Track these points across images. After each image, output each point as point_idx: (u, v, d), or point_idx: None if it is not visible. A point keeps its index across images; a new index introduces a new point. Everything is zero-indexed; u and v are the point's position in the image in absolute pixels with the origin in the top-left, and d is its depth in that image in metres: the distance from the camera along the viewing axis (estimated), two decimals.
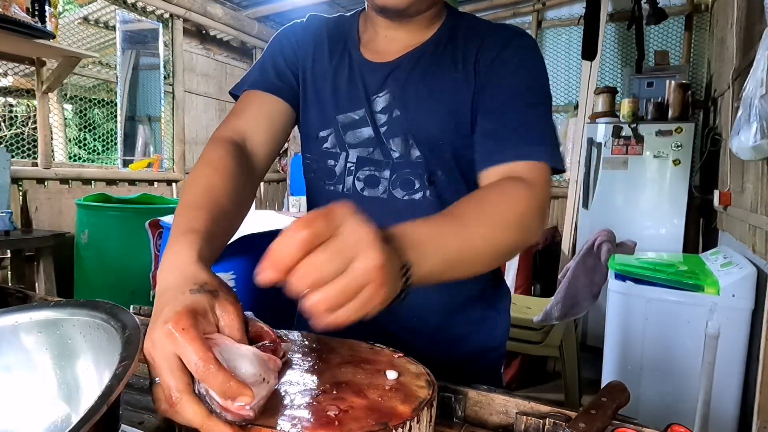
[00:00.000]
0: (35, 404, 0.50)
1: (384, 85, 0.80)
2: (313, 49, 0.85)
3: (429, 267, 0.50)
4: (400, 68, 0.79)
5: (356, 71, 0.82)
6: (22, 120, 5.16)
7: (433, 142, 0.78)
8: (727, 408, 1.92)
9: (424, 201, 0.79)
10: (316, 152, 0.85)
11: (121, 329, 0.44)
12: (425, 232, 0.52)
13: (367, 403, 0.48)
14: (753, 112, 1.51)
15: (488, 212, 0.60)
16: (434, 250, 0.51)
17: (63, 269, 2.71)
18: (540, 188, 0.67)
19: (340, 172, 0.83)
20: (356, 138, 0.81)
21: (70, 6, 3.94)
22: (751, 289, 1.85)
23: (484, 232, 0.58)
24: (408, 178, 0.80)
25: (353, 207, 0.41)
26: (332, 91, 0.82)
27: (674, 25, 3.68)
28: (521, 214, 0.62)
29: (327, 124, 0.83)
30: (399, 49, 0.80)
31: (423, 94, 0.78)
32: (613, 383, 0.59)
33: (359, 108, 0.81)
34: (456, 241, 0.55)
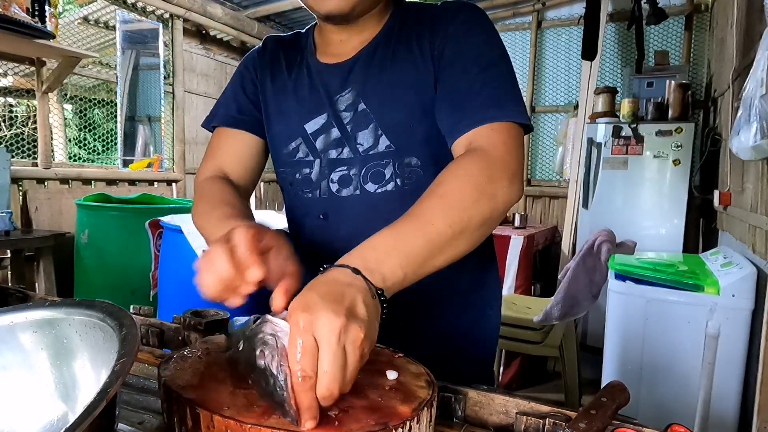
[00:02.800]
0: (32, 403, 0.50)
1: (346, 84, 0.81)
2: (270, 68, 0.89)
3: (402, 274, 0.54)
4: (357, 64, 0.81)
5: (315, 77, 0.84)
6: (22, 120, 5.16)
7: (402, 127, 0.78)
8: (727, 408, 1.92)
9: (397, 190, 0.79)
10: (290, 164, 0.86)
11: (118, 328, 0.43)
12: (385, 244, 0.55)
13: (367, 403, 0.48)
14: (753, 112, 1.51)
15: (446, 197, 0.60)
16: (401, 258, 0.54)
17: (63, 269, 2.71)
18: (499, 150, 0.66)
19: (316, 178, 0.84)
20: (325, 142, 0.82)
21: (70, 6, 3.94)
22: (751, 289, 1.85)
23: (447, 218, 0.58)
24: (378, 170, 0.80)
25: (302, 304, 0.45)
26: (295, 102, 0.85)
27: (674, 25, 3.68)
28: (481, 184, 0.62)
29: (294, 134, 0.84)
30: (353, 47, 0.82)
31: (385, 83, 0.79)
32: (613, 383, 0.59)
33: (323, 112, 0.82)
34: (420, 239, 0.56)
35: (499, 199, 0.63)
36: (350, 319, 0.45)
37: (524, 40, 4.15)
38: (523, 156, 0.71)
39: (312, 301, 0.45)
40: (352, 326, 0.44)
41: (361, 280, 0.50)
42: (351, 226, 0.82)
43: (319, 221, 0.85)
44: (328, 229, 0.84)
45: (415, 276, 0.56)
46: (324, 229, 0.85)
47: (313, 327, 0.43)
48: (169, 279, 2.17)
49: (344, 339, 0.44)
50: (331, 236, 0.84)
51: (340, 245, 0.82)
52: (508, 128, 0.69)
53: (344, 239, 0.82)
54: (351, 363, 0.44)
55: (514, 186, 0.65)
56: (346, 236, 0.82)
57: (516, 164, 0.67)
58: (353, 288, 0.48)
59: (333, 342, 0.43)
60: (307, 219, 0.87)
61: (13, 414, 0.50)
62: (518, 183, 0.66)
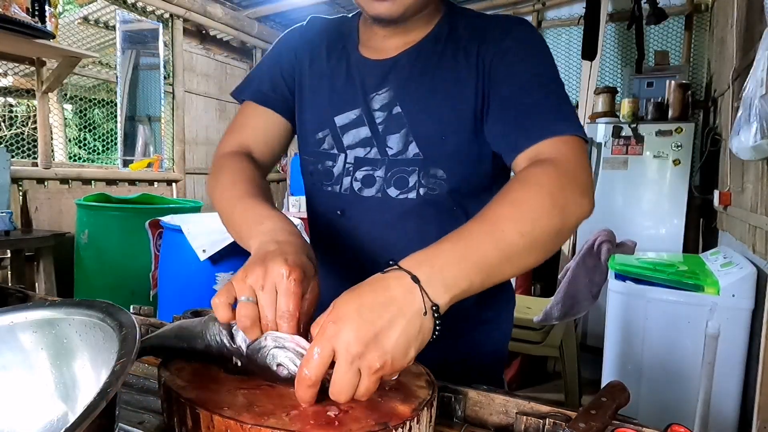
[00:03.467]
0: (32, 403, 0.50)
1: (384, 83, 0.79)
2: (310, 51, 0.86)
3: (468, 283, 0.51)
4: (399, 65, 0.79)
5: (354, 70, 0.81)
6: (22, 120, 5.16)
7: (434, 137, 0.77)
8: (727, 408, 1.92)
9: (419, 200, 0.78)
10: (314, 153, 0.85)
11: (118, 328, 0.43)
12: (454, 250, 0.52)
13: (367, 403, 0.48)
14: (753, 112, 1.51)
15: (516, 204, 0.57)
16: (470, 266, 0.51)
17: (63, 269, 2.71)
18: (569, 161, 0.64)
19: (338, 173, 0.82)
20: (354, 138, 0.81)
21: (70, 6, 3.94)
22: (751, 289, 1.85)
23: (521, 228, 0.55)
24: (402, 176, 0.79)
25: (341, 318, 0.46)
26: (329, 92, 0.82)
27: (674, 25, 3.67)
28: (554, 194, 0.59)
29: (323, 125, 0.83)
30: (398, 46, 0.80)
31: (425, 90, 0.77)
32: (613, 383, 0.59)
33: (356, 107, 0.80)
34: (491, 246, 0.53)
35: (570, 211, 0.60)
36: (372, 346, 0.45)
37: None
38: (590, 168, 0.68)
39: (345, 315, 0.46)
40: (371, 355, 0.44)
41: (414, 298, 0.48)
42: (368, 227, 0.81)
43: (336, 216, 0.84)
44: (344, 225, 0.83)
45: (482, 286, 0.53)
46: (340, 225, 0.84)
47: (335, 340, 0.45)
48: (169, 279, 2.17)
49: (359, 363, 0.44)
50: (346, 233, 0.83)
51: (354, 243, 0.82)
52: (575, 141, 0.67)
53: (359, 238, 0.82)
54: (363, 385, 0.45)
55: (585, 199, 0.63)
56: (361, 235, 0.82)
57: (586, 177, 0.65)
58: (399, 309, 0.47)
59: (347, 361, 0.44)
60: (325, 212, 0.86)
61: (13, 414, 0.50)
62: (589, 196, 0.64)
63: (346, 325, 0.45)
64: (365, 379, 0.45)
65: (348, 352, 0.44)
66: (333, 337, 0.45)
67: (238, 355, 0.52)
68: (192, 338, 0.55)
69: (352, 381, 0.45)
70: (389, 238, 0.80)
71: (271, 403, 0.47)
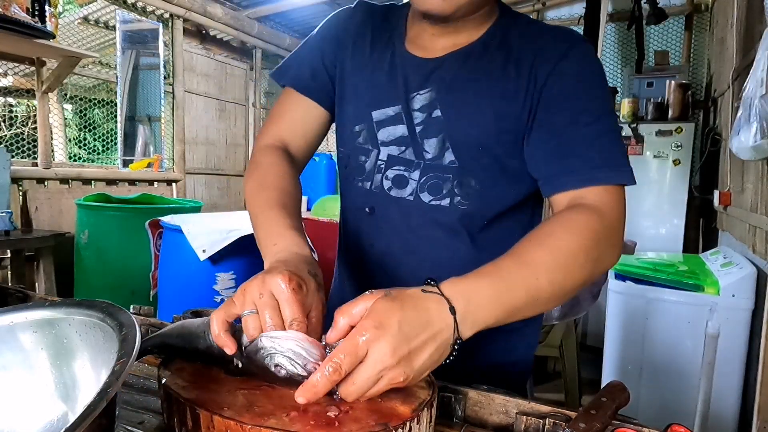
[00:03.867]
0: (32, 403, 0.50)
1: (427, 83, 0.76)
2: (353, 40, 0.83)
3: (493, 322, 0.54)
4: (445, 66, 0.75)
5: (398, 65, 0.78)
6: (22, 120, 5.16)
7: (471, 147, 0.74)
8: (727, 408, 1.92)
9: (451, 208, 0.76)
10: (350, 146, 0.83)
11: (118, 328, 0.43)
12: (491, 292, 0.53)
13: (367, 404, 0.48)
14: (753, 112, 1.51)
15: (554, 254, 0.58)
16: (500, 310, 0.54)
17: (63, 269, 2.71)
18: (610, 213, 0.65)
19: (370, 169, 0.80)
20: (389, 135, 0.78)
21: (70, 6, 3.94)
22: (751, 289, 1.85)
23: (553, 278, 0.57)
24: (436, 182, 0.76)
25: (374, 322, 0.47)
26: (370, 85, 0.80)
27: (674, 25, 3.67)
28: (590, 248, 0.60)
29: (361, 118, 0.81)
30: (446, 46, 0.76)
31: (468, 96, 0.74)
32: (613, 383, 0.59)
33: (395, 104, 0.77)
34: (522, 293, 0.55)
35: (600, 266, 0.62)
36: (403, 362, 0.46)
37: None
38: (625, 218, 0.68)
39: (388, 324, 0.46)
40: (399, 370, 0.46)
41: (448, 329, 0.50)
42: (396, 228, 0.80)
43: (364, 214, 0.82)
44: (372, 224, 0.82)
45: (502, 323, 0.56)
46: (368, 223, 0.82)
47: (372, 344, 0.46)
48: (169, 279, 2.17)
49: (385, 374, 0.46)
50: (374, 232, 0.82)
51: (380, 242, 0.81)
52: (619, 191, 0.67)
53: (386, 239, 0.81)
54: (375, 389, 0.47)
55: (616, 252, 0.64)
56: (388, 235, 0.81)
57: (622, 230, 0.66)
58: (433, 335, 0.49)
59: (374, 368, 0.46)
60: (354, 208, 0.85)
61: (13, 414, 0.50)
62: (620, 249, 0.65)
63: (387, 335, 0.46)
64: (380, 384, 0.46)
65: (381, 361, 0.45)
66: (372, 341, 0.46)
67: (238, 357, 0.52)
68: (194, 339, 0.55)
69: (370, 385, 0.46)
70: (416, 242, 0.79)
71: (271, 403, 0.47)
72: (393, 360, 0.45)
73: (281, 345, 0.49)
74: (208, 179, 4.36)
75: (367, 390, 0.46)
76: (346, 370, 0.45)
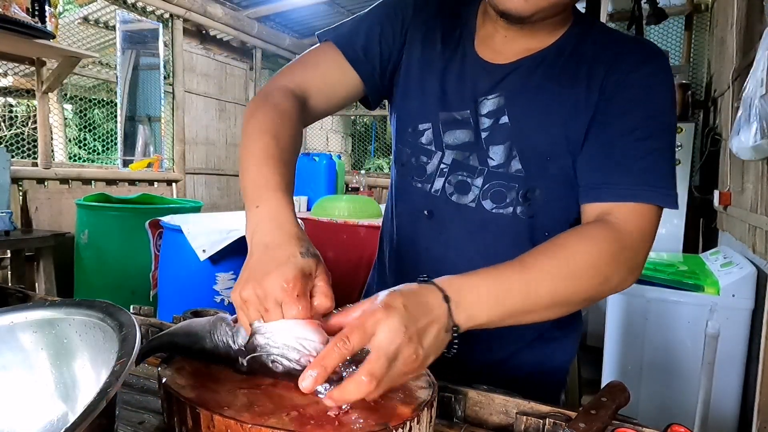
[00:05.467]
0: (32, 403, 0.50)
1: (496, 88, 0.74)
2: (423, 33, 0.79)
3: (486, 320, 0.55)
4: (516, 72, 0.73)
5: (468, 69, 0.76)
6: (22, 120, 5.16)
7: (539, 157, 0.72)
8: (727, 408, 1.92)
9: (514, 218, 0.75)
10: (411, 145, 0.80)
11: (118, 328, 0.43)
12: (486, 290, 0.55)
13: (367, 404, 0.48)
14: (753, 112, 1.51)
15: (560, 264, 0.59)
16: (494, 309, 0.55)
17: (63, 269, 2.71)
18: (632, 234, 0.63)
19: (432, 172, 0.78)
20: (455, 139, 0.76)
21: (70, 6, 3.94)
22: (751, 289, 1.85)
23: (552, 286, 0.57)
24: (500, 190, 0.75)
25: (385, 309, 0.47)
26: (440, 85, 0.77)
27: (674, 25, 3.67)
28: (601, 265, 0.60)
29: (427, 118, 0.78)
30: (518, 51, 0.74)
31: (538, 104, 0.72)
32: (613, 383, 0.59)
33: (464, 108, 0.75)
34: (519, 296, 0.56)
35: (611, 285, 0.61)
36: (415, 340, 0.47)
37: None
38: (653, 242, 0.66)
39: (396, 306, 0.47)
40: (412, 347, 0.47)
41: (444, 311, 0.51)
42: (455, 235, 0.78)
43: (423, 217, 0.80)
44: (430, 228, 0.80)
45: (497, 325, 0.57)
46: (426, 228, 0.80)
47: (381, 324, 0.46)
48: (169, 279, 2.17)
49: (399, 350, 0.46)
50: (431, 237, 0.80)
51: (437, 247, 0.79)
52: (652, 212, 0.65)
53: (444, 243, 0.79)
54: (393, 373, 0.46)
55: (632, 276, 0.63)
56: (445, 241, 0.79)
57: (644, 254, 0.65)
58: (433, 317, 0.50)
59: (392, 345, 0.45)
60: (411, 211, 0.82)
61: (13, 414, 0.50)
62: (638, 273, 0.64)
63: (396, 314, 0.46)
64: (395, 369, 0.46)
65: (395, 337, 0.46)
66: (382, 319, 0.46)
67: (243, 356, 0.52)
68: (201, 338, 0.55)
69: (383, 369, 0.45)
70: (474, 250, 0.77)
71: (272, 402, 0.47)
72: (406, 336, 0.46)
73: (275, 340, 0.49)
74: (208, 179, 4.36)
75: (388, 371, 0.45)
76: (355, 345, 0.45)
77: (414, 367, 0.47)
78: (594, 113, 0.70)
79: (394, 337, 0.46)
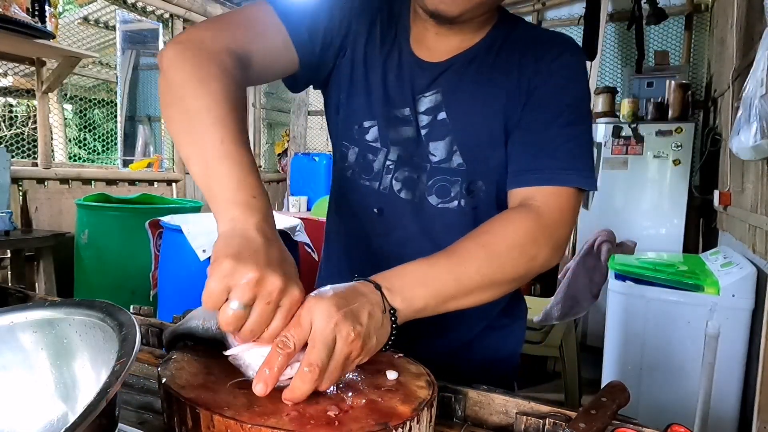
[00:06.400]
0: (32, 403, 0.50)
1: (432, 85, 0.76)
2: (368, 29, 0.79)
3: (422, 304, 0.57)
4: (450, 70, 0.76)
5: (405, 67, 0.78)
6: (22, 120, 5.16)
7: (479, 150, 0.75)
8: (727, 408, 1.92)
9: (459, 210, 0.77)
10: (357, 142, 0.81)
11: (118, 328, 0.43)
12: (415, 274, 0.58)
13: (367, 403, 0.48)
14: (753, 112, 1.51)
15: (486, 246, 0.63)
16: (426, 290, 0.58)
17: (63, 269, 2.71)
18: (554, 216, 0.68)
19: (379, 169, 0.80)
20: (398, 136, 0.78)
21: (70, 6, 3.94)
22: (751, 289, 1.85)
23: (480, 266, 0.61)
24: (444, 185, 0.77)
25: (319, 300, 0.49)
26: (382, 83, 0.78)
27: (674, 25, 3.67)
28: (519, 244, 0.64)
29: (372, 115, 0.79)
30: (450, 49, 0.77)
31: (474, 99, 0.75)
32: (613, 383, 0.59)
33: (405, 106, 0.77)
34: (449, 278, 0.59)
35: (537, 263, 0.66)
36: (350, 318, 0.49)
37: None
38: (575, 222, 0.72)
39: (325, 294, 0.50)
40: (347, 324, 0.48)
41: (377, 295, 0.54)
42: (405, 230, 0.80)
43: (373, 215, 0.81)
44: (382, 225, 0.81)
45: (436, 310, 0.59)
46: (378, 225, 0.81)
47: (314, 308, 0.48)
48: (169, 279, 2.17)
49: (336, 331, 0.47)
50: (383, 233, 0.81)
51: (388, 244, 0.81)
52: (570, 194, 0.70)
53: (396, 240, 0.80)
54: (337, 355, 0.48)
55: (556, 253, 0.67)
56: (398, 238, 0.80)
57: (565, 233, 0.69)
58: (366, 298, 0.52)
59: (328, 326, 0.47)
60: (360, 209, 0.83)
61: (13, 414, 0.50)
62: (562, 251, 0.68)
63: (325, 300, 0.48)
64: (339, 350, 0.48)
65: (328, 317, 0.47)
66: (313, 307, 0.48)
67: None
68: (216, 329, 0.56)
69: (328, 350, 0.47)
70: (424, 245, 0.78)
71: (271, 403, 0.47)
72: (339, 316, 0.48)
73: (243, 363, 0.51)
74: None
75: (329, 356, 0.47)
76: (296, 342, 0.46)
77: (357, 346, 0.49)
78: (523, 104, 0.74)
79: (328, 321, 0.47)
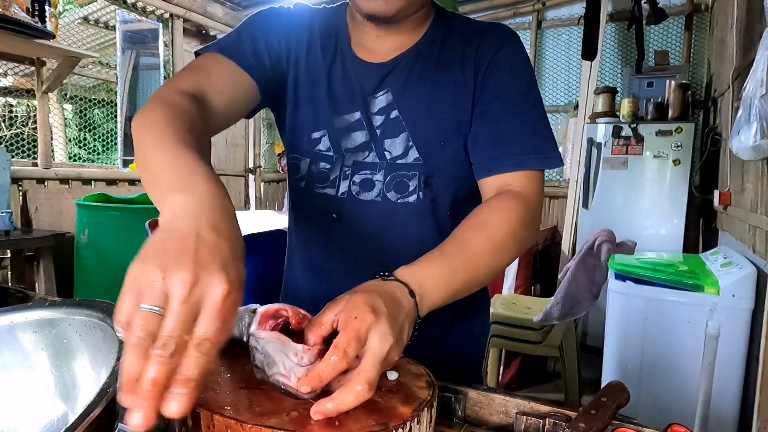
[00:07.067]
0: (33, 403, 0.50)
1: (381, 85, 0.78)
2: (307, 42, 0.81)
3: (440, 304, 0.59)
4: (397, 68, 0.78)
5: (351, 72, 0.79)
6: (22, 120, 5.16)
7: (434, 143, 0.77)
8: (727, 408, 1.92)
9: (418, 203, 0.79)
10: (308, 153, 0.82)
11: None
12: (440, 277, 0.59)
13: (367, 404, 0.48)
14: (753, 112, 1.51)
15: (490, 238, 0.65)
16: (447, 292, 0.60)
17: (63, 269, 2.71)
18: (533, 198, 0.72)
19: (335, 176, 0.80)
20: (352, 142, 0.79)
21: (70, 6, 3.94)
22: (751, 289, 1.85)
23: (489, 262, 0.64)
24: (402, 180, 0.78)
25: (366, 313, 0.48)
26: (327, 92, 0.80)
27: (674, 25, 3.67)
28: (518, 232, 0.67)
29: (320, 125, 0.80)
30: (392, 48, 0.79)
31: (424, 95, 0.77)
32: (613, 383, 0.59)
33: (355, 110, 0.79)
34: (464, 277, 0.62)
35: (524, 247, 0.70)
36: (398, 341, 0.50)
37: (524, 40, 4.14)
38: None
39: (379, 309, 0.49)
40: (398, 349, 0.50)
41: (413, 307, 0.55)
42: (366, 231, 0.81)
43: (331, 220, 0.82)
44: (341, 229, 0.82)
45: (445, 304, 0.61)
46: (337, 230, 0.82)
47: (372, 329, 0.47)
48: None
49: (387, 356, 0.47)
50: (342, 237, 0.82)
51: (351, 247, 0.82)
52: (540, 177, 0.75)
53: (356, 242, 0.81)
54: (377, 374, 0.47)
55: (536, 234, 0.72)
56: (358, 239, 0.81)
57: (540, 210, 0.74)
58: (406, 314, 0.53)
59: (382, 350, 0.47)
60: (317, 216, 0.83)
61: (13, 414, 0.50)
62: (538, 230, 0.73)
63: (383, 317, 0.48)
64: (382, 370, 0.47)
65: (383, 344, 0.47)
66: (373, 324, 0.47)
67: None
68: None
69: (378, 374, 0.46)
70: (388, 242, 0.80)
71: (272, 403, 0.47)
72: (393, 339, 0.48)
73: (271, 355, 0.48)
74: None
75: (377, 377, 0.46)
76: (352, 355, 0.45)
77: (392, 364, 0.50)
78: (474, 94, 0.77)
79: (386, 343, 0.47)
